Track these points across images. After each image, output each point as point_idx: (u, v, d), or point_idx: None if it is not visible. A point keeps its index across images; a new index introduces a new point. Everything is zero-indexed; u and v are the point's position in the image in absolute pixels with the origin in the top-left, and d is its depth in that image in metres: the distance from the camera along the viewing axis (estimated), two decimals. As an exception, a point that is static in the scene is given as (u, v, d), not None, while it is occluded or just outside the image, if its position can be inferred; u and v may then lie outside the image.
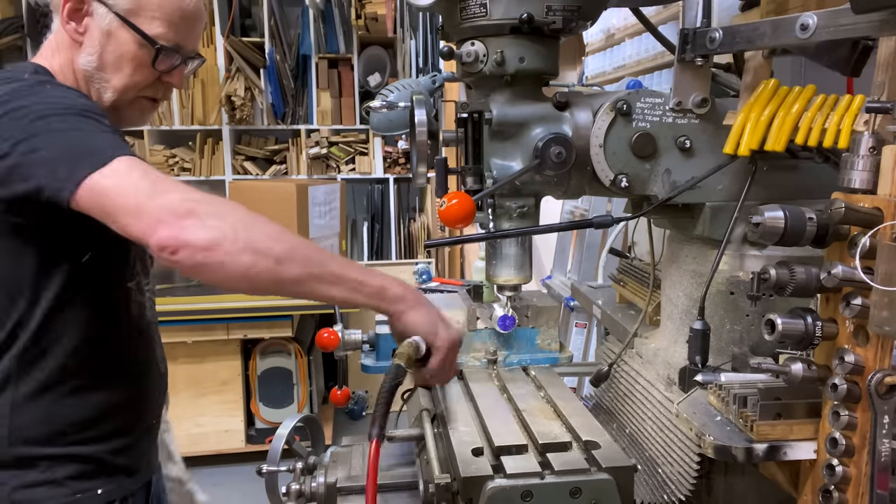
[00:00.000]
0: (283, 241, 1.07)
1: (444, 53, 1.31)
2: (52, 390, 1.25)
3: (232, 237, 1.03)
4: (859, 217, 0.92)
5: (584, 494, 1.06)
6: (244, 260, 1.03)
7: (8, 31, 4.84)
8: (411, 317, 1.15)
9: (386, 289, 1.14)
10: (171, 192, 1.06)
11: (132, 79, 1.32)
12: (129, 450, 1.36)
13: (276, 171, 5.25)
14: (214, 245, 1.02)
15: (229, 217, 1.06)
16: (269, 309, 3.68)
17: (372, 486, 1.02)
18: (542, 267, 3.73)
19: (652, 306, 1.60)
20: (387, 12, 4.82)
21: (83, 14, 1.29)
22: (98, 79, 1.31)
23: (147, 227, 1.04)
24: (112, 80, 1.31)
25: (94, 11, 1.29)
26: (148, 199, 1.05)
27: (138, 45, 1.30)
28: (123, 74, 1.31)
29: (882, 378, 0.93)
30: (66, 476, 1.26)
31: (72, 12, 1.29)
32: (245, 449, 3.93)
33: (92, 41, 1.30)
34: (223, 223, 1.04)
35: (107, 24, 1.29)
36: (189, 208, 1.04)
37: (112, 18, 1.28)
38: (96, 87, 1.32)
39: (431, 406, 1.42)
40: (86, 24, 1.29)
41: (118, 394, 1.34)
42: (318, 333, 1.52)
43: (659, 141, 1.30)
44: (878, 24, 0.93)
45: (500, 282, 1.43)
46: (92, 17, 1.29)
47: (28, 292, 1.21)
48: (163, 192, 1.06)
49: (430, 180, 1.42)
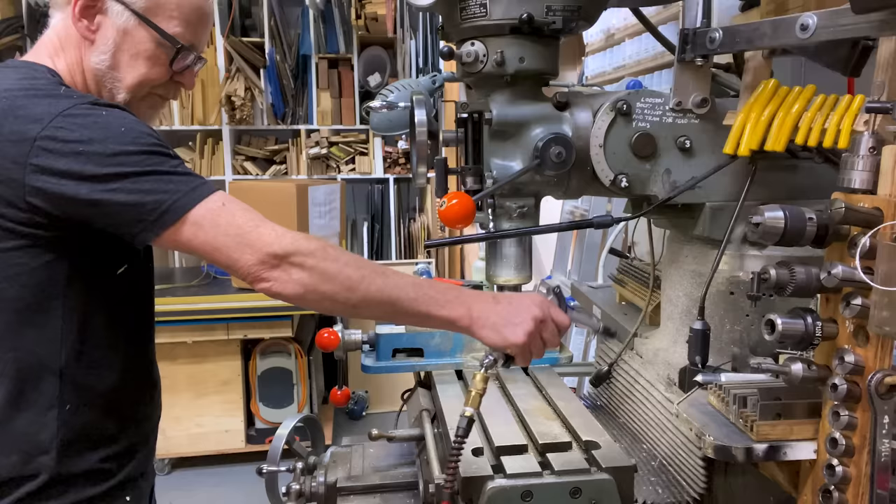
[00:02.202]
0: (360, 287, 1.12)
1: (444, 53, 1.30)
2: (92, 405, 1.25)
3: (313, 287, 1.11)
4: (859, 217, 0.92)
5: (584, 494, 1.07)
6: (325, 305, 1.15)
7: (8, 31, 4.84)
8: (483, 337, 1.15)
9: (454, 321, 1.15)
10: (264, 233, 1.12)
11: (147, 77, 1.29)
12: (147, 457, 1.40)
13: (276, 171, 5.25)
14: (299, 297, 1.12)
15: (315, 265, 1.11)
16: (269, 309, 3.67)
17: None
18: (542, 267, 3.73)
19: (652, 306, 1.60)
20: (387, 12, 4.81)
21: (96, 11, 1.25)
22: (111, 78, 1.28)
23: (244, 271, 1.11)
24: (126, 78, 1.28)
25: (109, 9, 1.25)
26: (240, 244, 1.11)
27: (156, 44, 1.27)
28: (138, 73, 1.28)
29: (882, 378, 0.93)
30: (104, 490, 1.27)
31: (84, 9, 1.24)
32: (245, 449, 3.93)
33: (105, 39, 1.26)
34: (309, 275, 1.11)
35: (123, 22, 1.25)
36: (280, 254, 1.10)
37: (129, 16, 1.25)
38: (108, 86, 1.29)
39: (431, 406, 1.42)
40: (98, 21, 1.25)
41: (144, 402, 1.37)
42: (318, 333, 1.52)
43: (659, 141, 1.30)
44: (878, 24, 0.93)
45: (500, 282, 1.43)
46: (105, 15, 1.25)
47: (61, 303, 1.20)
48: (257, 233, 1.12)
49: (430, 180, 1.42)
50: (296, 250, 1.10)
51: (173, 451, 3.88)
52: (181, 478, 3.95)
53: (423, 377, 1.59)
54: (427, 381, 1.56)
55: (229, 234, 1.11)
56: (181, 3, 1.28)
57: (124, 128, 1.14)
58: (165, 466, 3.96)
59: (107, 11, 1.25)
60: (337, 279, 1.11)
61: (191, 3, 1.30)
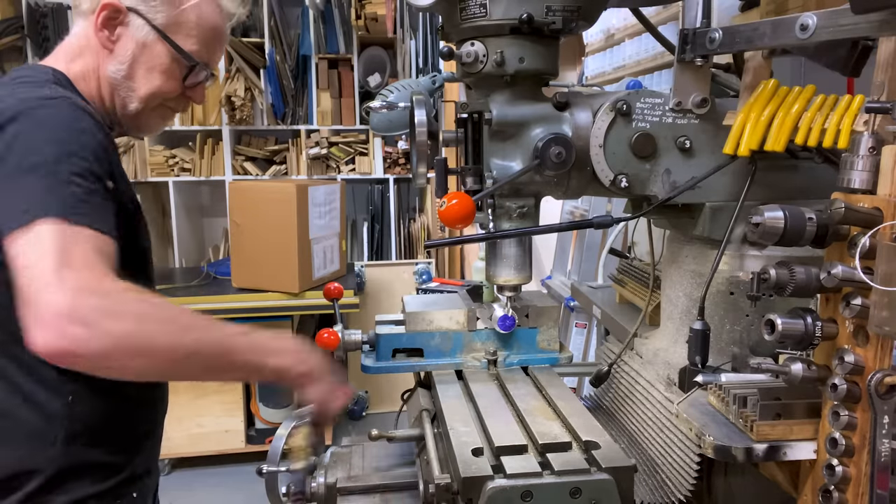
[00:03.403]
0: (179, 347, 1.05)
1: (444, 53, 1.31)
2: (105, 395, 1.25)
3: (123, 348, 0.99)
4: (859, 217, 0.92)
5: (584, 494, 1.06)
6: (136, 364, 1.03)
7: (8, 31, 4.84)
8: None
9: (282, 371, 1.21)
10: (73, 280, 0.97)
11: (160, 89, 1.35)
12: (152, 451, 1.41)
13: (276, 171, 5.25)
14: (104, 357, 0.98)
15: (123, 323, 0.99)
16: (269, 309, 3.68)
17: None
18: (542, 267, 3.73)
19: (652, 306, 1.60)
20: (387, 12, 4.81)
21: (118, 23, 1.31)
22: (125, 87, 1.33)
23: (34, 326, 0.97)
24: (140, 89, 1.33)
25: (130, 22, 1.31)
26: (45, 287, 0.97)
27: (172, 59, 1.33)
28: (152, 85, 1.34)
29: (882, 378, 0.93)
30: (115, 483, 1.28)
31: (106, 20, 1.30)
32: (245, 449, 3.94)
33: (124, 51, 1.31)
34: (116, 331, 0.98)
35: (143, 37, 1.31)
36: (83, 311, 0.96)
37: (149, 31, 1.31)
38: (122, 95, 1.34)
39: (431, 406, 1.42)
40: (119, 33, 1.31)
41: (151, 387, 1.38)
42: (318, 334, 1.52)
43: (659, 141, 1.31)
44: (878, 24, 0.93)
45: (500, 282, 1.43)
46: (126, 28, 1.31)
47: None
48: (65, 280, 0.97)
49: (430, 180, 1.42)
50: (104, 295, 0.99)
51: (173, 451, 3.89)
52: (181, 478, 3.95)
53: (423, 377, 1.59)
54: (427, 381, 1.56)
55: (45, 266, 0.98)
56: (200, 22, 1.35)
57: (62, 134, 1.11)
58: (166, 466, 3.96)
59: (128, 24, 1.31)
60: (153, 334, 1.02)
61: (209, 23, 1.36)
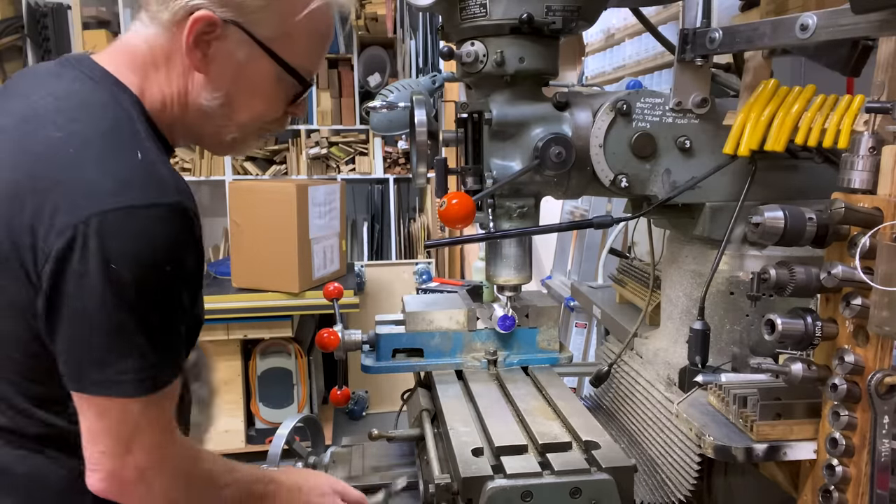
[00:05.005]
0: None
1: (444, 53, 1.31)
2: None
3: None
4: (859, 217, 0.92)
5: (584, 494, 1.06)
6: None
7: (8, 31, 4.84)
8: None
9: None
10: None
11: (262, 115, 1.11)
12: None
13: (276, 171, 5.25)
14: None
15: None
16: (269, 309, 3.67)
17: None
18: (542, 267, 3.73)
19: (652, 306, 1.60)
20: (387, 12, 4.81)
21: (212, 38, 1.01)
22: (220, 116, 1.08)
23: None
24: (239, 117, 1.09)
25: (228, 37, 1.02)
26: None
27: (276, 79, 1.07)
28: (253, 112, 1.10)
29: (882, 378, 0.93)
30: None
31: (201, 36, 1.01)
32: (245, 449, 3.93)
33: (220, 75, 1.05)
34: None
35: (244, 55, 1.04)
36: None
37: (252, 47, 1.03)
38: (217, 123, 1.09)
39: (431, 406, 1.42)
40: (214, 51, 1.03)
41: None
42: (318, 333, 1.52)
43: (659, 141, 1.31)
44: (878, 24, 0.93)
45: (500, 282, 1.43)
46: (222, 43, 1.02)
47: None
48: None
49: (430, 180, 1.42)
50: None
51: (173, 451, 3.88)
52: (181, 478, 3.94)
53: (423, 377, 1.59)
54: (427, 381, 1.56)
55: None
56: (311, 31, 1.08)
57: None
58: (165, 466, 3.96)
59: (225, 39, 1.02)
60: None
61: (321, 29, 1.10)
